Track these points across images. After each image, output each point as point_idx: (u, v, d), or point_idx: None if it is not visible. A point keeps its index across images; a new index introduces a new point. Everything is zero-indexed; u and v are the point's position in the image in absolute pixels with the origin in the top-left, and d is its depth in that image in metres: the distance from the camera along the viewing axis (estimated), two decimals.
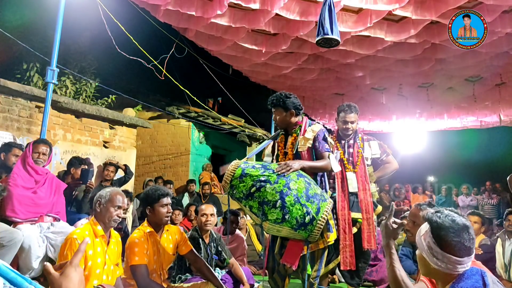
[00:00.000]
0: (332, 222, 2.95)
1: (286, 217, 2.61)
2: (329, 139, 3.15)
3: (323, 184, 3.09)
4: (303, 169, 2.84)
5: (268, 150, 3.30)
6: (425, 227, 1.72)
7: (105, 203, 2.62)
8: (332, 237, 2.94)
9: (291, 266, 2.84)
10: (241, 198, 2.74)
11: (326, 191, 3.05)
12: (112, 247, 2.68)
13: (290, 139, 3.13)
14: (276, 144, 3.23)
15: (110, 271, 2.62)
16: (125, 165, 6.26)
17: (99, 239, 2.57)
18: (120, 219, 2.72)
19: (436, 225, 1.66)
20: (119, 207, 2.66)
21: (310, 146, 3.01)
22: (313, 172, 2.95)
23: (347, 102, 3.99)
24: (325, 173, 3.14)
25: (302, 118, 3.17)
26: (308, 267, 2.87)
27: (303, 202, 2.62)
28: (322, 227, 2.67)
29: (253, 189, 2.67)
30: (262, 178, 2.68)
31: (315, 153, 3.01)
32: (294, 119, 3.10)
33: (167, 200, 2.93)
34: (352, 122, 3.86)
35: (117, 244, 2.77)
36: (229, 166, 2.79)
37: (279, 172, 2.71)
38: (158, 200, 2.89)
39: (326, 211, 2.69)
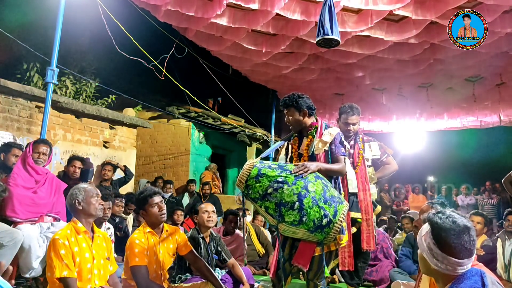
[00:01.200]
0: (344, 224, 2.92)
1: (304, 219, 2.58)
2: (345, 143, 3.13)
3: (337, 186, 3.07)
4: (319, 171, 2.81)
5: (283, 153, 3.26)
6: (426, 227, 1.72)
7: (84, 198, 2.65)
8: (344, 239, 2.93)
9: (303, 267, 2.82)
10: (257, 199, 2.69)
11: (340, 193, 3.02)
12: (98, 242, 2.70)
13: (305, 141, 3.08)
14: (290, 145, 3.20)
15: (101, 265, 2.65)
16: (125, 166, 6.25)
17: (82, 235, 2.59)
18: (103, 207, 2.75)
19: (437, 226, 1.66)
20: (97, 195, 2.73)
21: (327, 149, 2.99)
22: (327, 175, 2.92)
23: (349, 103, 3.98)
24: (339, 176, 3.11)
25: (317, 119, 3.15)
26: (326, 269, 2.86)
27: (321, 204, 2.59)
28: (339, 229, 2.65)
29: (270, 190, 2.62)
30: (280, 179, 2.64)
31: (330, 156, 2.99)
32: (308, 120, 3.08)
33: (157, 198, 2.92)
34: (354, 124, 3.88)
35: (105, 240, 2.79)
36: (245, 165, 2.75)
37: (297, 173, 2.67)
38: (147, 202, 2.89)
39: (343, 214, 2.66)
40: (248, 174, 2.69)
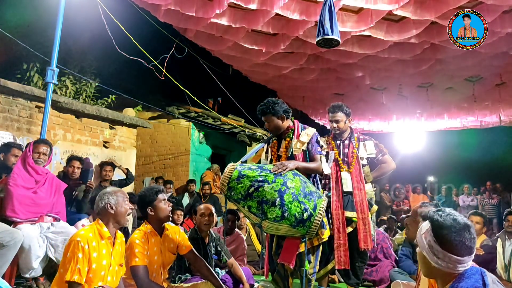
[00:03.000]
0: (325, 219, 3.06)
1: (285, 214, 2.68)
2: (321, 142, 3.28)
3: (315, 183, 3.22)
4: (297, 169, 2.96)
5: (263, 156, 3.38)
6: (426, 225, 1.72)
7: (116, 202, 2.59)
8: (326, 233, 3.07)
9: (289, 264, 2.92)
10: (239, 199, 2.80)
11: (319, 190, 3.16)
12: (117, 247, 2.64)
13: (283, 143, 3.24)
14: (269, 149, 3.33)
15: (115, 272, 2.59)
16: (127, 169, 6.25)
17: (105, 241, 2.52)
18: (131, 212, 2.77)
19: (438, 223, 1.66)
20: (127, 199, 2.72)
21: (305, 149, 3.15)
22: (305, 173, 3.06)
23: (334, 103, 4.05)
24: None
25: (293, 122, 3.30)
26: (306, 263, 2.96)
27: (300, 199, 2.71)
28: (319, 223, 2.77)
29: (252, 189, 2.74)
30: (260, 178, 2.76)
31: (308, 155, 3.15)
32: (285, 123, 3.24)
33: (163, 195, 2.98)
34: (337, 121, 3.90)
35: (122, 244, 2.74)
36: (226, 168, 2.87)
37: (276, 172, 2.81)
38: (156, 197, 2.92)
39: (322, 207, 2.80)
40: (229, 177, 2.82)
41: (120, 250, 2.71)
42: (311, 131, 3.21)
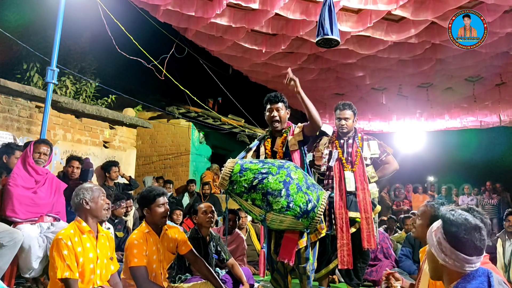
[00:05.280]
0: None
1: (291, 205, 2.69)
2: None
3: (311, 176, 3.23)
4: (301, 98, 3.00)
5: (251, 154, 3.37)
6: (437, 223, 1.74)
7: (91, 198, 2.64)
8: (324, 229, 3.11)
9: (288, 261, 2.92)
10: (243, 193, 2.78)
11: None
12: (102, 241, 2.70)
13: (279, 140, 3.24)
14: (263, 146, 3.33)
15: (104, 265, 2.65)
16: (130, 177, 6.30)
17: (86, 235, 2.59)
18: (108, 206, 2.76)
19: (449, 221, 1.67)
20: (104, 194, 2.74)
21: (301, 139, 3.18)
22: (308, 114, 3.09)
23: (341, 101, 4.04)
24: (311, 171, 3.30)
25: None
26: (310, 256, 2.99)
27: (304, 190, 2.74)
28: (322, 214, 2.80)
29: (256, 181, 2.73)
30: (264, 170, 2.77)
31: (302, 148, 3.21)
32: (286, 119, 3.28)
33: (163, 199, 2.94)
34: (346, 119, 3.88)
35: (108, 239, 2.79)
36: (226, 164, 2.87)
37: (289, 81, 2.93)
38: (154, 201, 2.90)
39: (325, 199, 2.83)
40: (231, 171, 2.81)
41: (108, 244, 2.75)
42: (302, 124, 3.28)
